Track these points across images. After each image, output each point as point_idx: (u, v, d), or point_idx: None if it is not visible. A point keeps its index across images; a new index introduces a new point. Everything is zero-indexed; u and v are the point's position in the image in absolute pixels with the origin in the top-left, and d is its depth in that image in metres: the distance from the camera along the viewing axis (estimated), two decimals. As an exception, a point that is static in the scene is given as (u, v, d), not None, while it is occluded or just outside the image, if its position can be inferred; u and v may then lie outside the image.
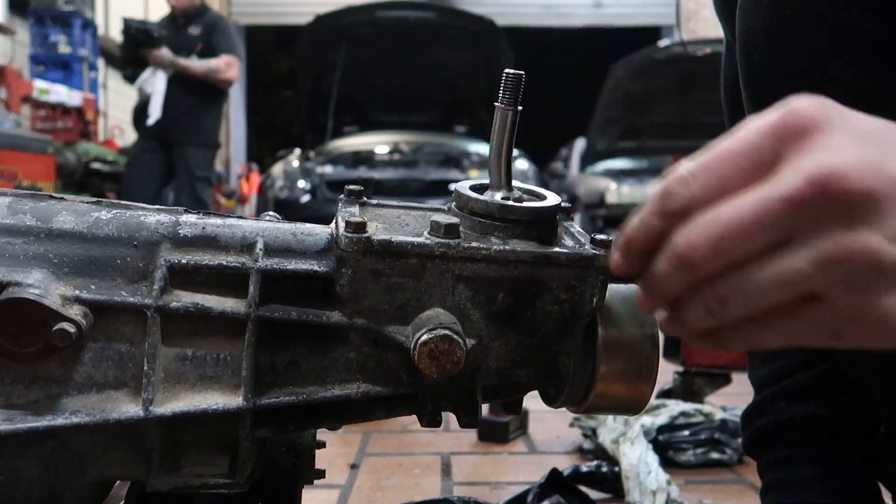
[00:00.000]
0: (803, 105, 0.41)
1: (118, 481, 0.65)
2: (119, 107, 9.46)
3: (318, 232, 0.63)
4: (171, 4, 4.65)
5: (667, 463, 1.36)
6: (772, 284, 0.40)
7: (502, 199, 0.62)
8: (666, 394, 1.69)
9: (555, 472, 1.18)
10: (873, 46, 0.63)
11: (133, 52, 4.50)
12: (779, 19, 0.67)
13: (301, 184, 6.02)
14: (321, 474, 0.71)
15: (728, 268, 0.41)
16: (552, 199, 0.63)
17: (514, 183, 0.64)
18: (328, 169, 6.20)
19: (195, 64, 4.50)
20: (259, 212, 6.87)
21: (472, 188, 0.64)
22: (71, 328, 0.54)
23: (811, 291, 0.40)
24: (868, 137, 0.40)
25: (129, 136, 7.56)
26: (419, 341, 0.56)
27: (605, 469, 1.26)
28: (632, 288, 0.65)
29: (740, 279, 0.41)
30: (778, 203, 0.39)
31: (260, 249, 0.60)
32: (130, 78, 4.69)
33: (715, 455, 1.43)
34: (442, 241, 0.58)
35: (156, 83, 4.49)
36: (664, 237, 0.44)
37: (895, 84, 0.63)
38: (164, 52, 4.43)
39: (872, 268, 0.38)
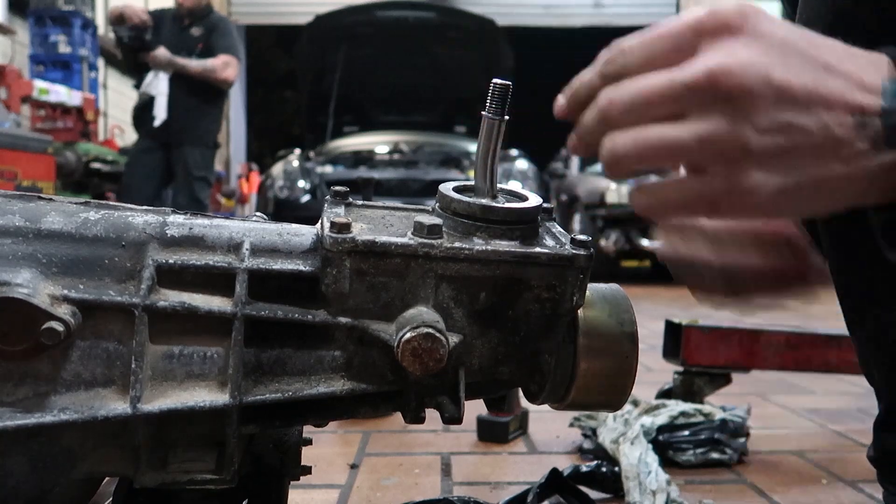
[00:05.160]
0: (725, 8, 0.50)
1: (106, 478, 0.66)
2: (119, 107, 9.46)
3: (303, 232, 0.64)
4: (179, 2, 4.64)
5: (667, 463, 1.36)
6: (661, 145, 0.49)
7: (486, 203, 0.62)
8: (666, 394, 1.68)
9: (555, 472, 1.18)
10: None
11: (133, 58, 4.52)
12: None
13: (301, 184, 6.02)
14: (308, 470, 0.72)
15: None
16: (534, 199, 0.64)
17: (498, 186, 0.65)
18: (328, 169, 6.20)
19: (192, 63, 4.49)
20: (260, 212, 6.86)
21: (456, 189, 0.65)
22: (59, 327, 0.55)
23: (693, 162, 0.50)
24: (772, 45, 0.48)
25: (129, 136, 7.56)
26: (402, 339, 0.57)
27: (605, 469, 1.25)
28: (612, 287, 0.66)
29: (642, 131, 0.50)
30: (680, 85, 0.49)
31: (247, 249, 0.61)
32: (138, 86, 4.71)
33: (715, 455, 1.42)
34: (425, 241, 0.59)
35: (159, 85, 4.50)
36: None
37: None
38: (162, 52, 4.43)
39: (740, 149, 0.48)
